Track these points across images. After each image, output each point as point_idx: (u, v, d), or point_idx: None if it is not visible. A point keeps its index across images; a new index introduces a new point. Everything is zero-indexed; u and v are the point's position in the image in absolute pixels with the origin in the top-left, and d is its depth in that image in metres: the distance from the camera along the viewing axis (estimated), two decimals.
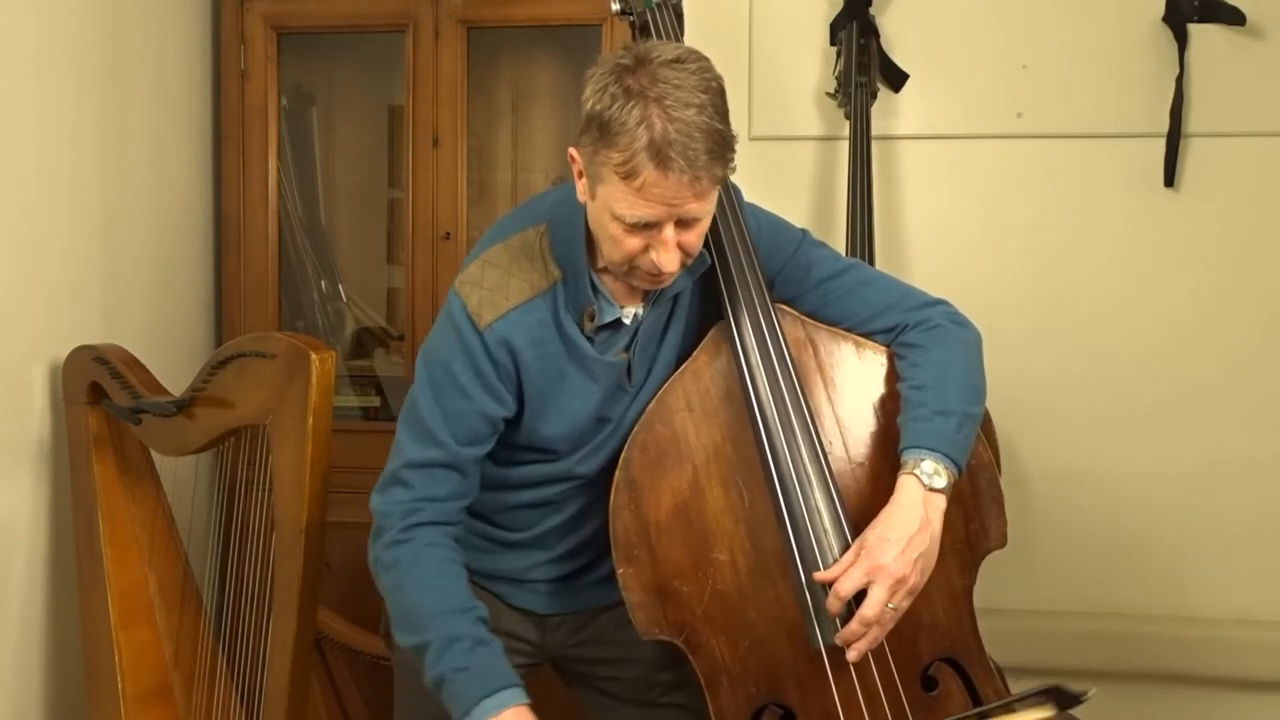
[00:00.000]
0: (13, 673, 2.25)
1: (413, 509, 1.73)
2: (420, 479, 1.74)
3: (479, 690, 1.62)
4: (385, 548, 1.73)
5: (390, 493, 1.75)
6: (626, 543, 1.72)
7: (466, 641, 1.66)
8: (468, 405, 1.73)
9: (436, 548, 1.73)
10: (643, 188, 1.54)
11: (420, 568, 1.71)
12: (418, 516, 1.73)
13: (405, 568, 1.72)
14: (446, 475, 1.75)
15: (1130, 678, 2.63)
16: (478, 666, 1.65)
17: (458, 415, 1.73)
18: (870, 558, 1.64)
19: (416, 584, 1.71)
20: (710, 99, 1.56)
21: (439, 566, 1.72)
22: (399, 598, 1.72)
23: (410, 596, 1.71)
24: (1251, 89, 2.55)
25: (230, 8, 2.84)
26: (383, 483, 1.77)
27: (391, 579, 1.73)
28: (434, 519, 1.74)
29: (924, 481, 1.66)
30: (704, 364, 1.78)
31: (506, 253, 1.76)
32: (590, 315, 1.73)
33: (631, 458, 1.74)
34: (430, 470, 1.74)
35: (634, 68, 1.56)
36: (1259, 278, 2.59)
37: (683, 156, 1.52)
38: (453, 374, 1.73)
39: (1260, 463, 2.60)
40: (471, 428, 1.75)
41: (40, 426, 2.32)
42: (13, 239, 2.22)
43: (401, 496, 1.74)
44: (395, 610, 1.74)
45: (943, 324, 1.79)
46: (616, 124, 1.54)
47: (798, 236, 1.86)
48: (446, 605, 1.69)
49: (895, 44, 2.65)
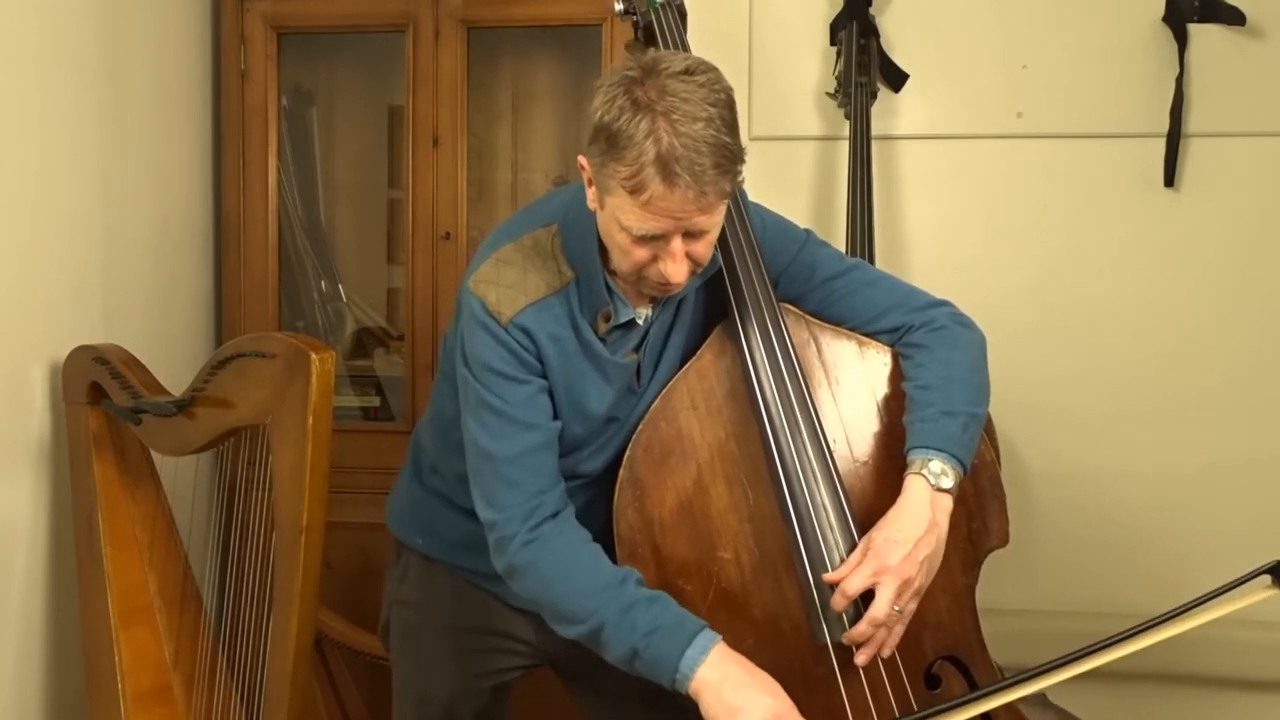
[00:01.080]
0: (13, 673, 2.25)
1: (532, 508, 1.69)
2: (523, 474, 1.70)
3: (678, 644, 1.59)
4: (517, 553, 1.69)
5: (499, 499, 1.71)
6: (630, 541, 1.72)
7: (640, 605, 1.62)
8: (527, 389, 1.71)
9: (563, 537, 1.70)
10: (649, 202, 1.54)
11: (559, 560, 1.68)
12: (539, 514, 1.70)
13: (544, 566, 1.68)
14: (544, 459, 1.72)
15: (1130, 678, 2.63)
16: (664, 622, 1.61)
17: (526, 401, 1.71)
18: (877, 559, 1.64)
19: (561, 576, 1.68)
20: (719, 111, 1.55)
21: (574, 552, 1.69)
22: (550, 596, 1.69)
23: (560, 590, 1.68)
24: (1251, 89, 2.55)
25: (230, 8, 2.84)
26: (485, 497, 1.73)
27: (535, 581, 1.70)
28: (554, 509, 1.71)
29: (931, 482, 1.67)
30: (709, 362, 1.78)
31: (519, 251, 1.75)
32: (606, 316, 1.73)
33: (636, 456, 1.74)
34: (528, 460, 1.71)
35: (642, 79, 1.55)
36: (1259, 277, 2.59)
37: (689, 171, 1.51)
38: (498, 370, 1.70)
39: (1260, 462, 2.60)
40: (543, 405, 1.73)
41: (40, 426, 2.32)
42: (13, 239, 2.22)
43: (515, 498, 1.70)
44: (551, 609, 1.70)
45: (947, 325, 1.80)
46: (624, 137, 1.53)
47: (802, 236, 1.87)
48: (601, 582, 1.66)
49: (895, 44, 2.66)
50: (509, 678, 1.98)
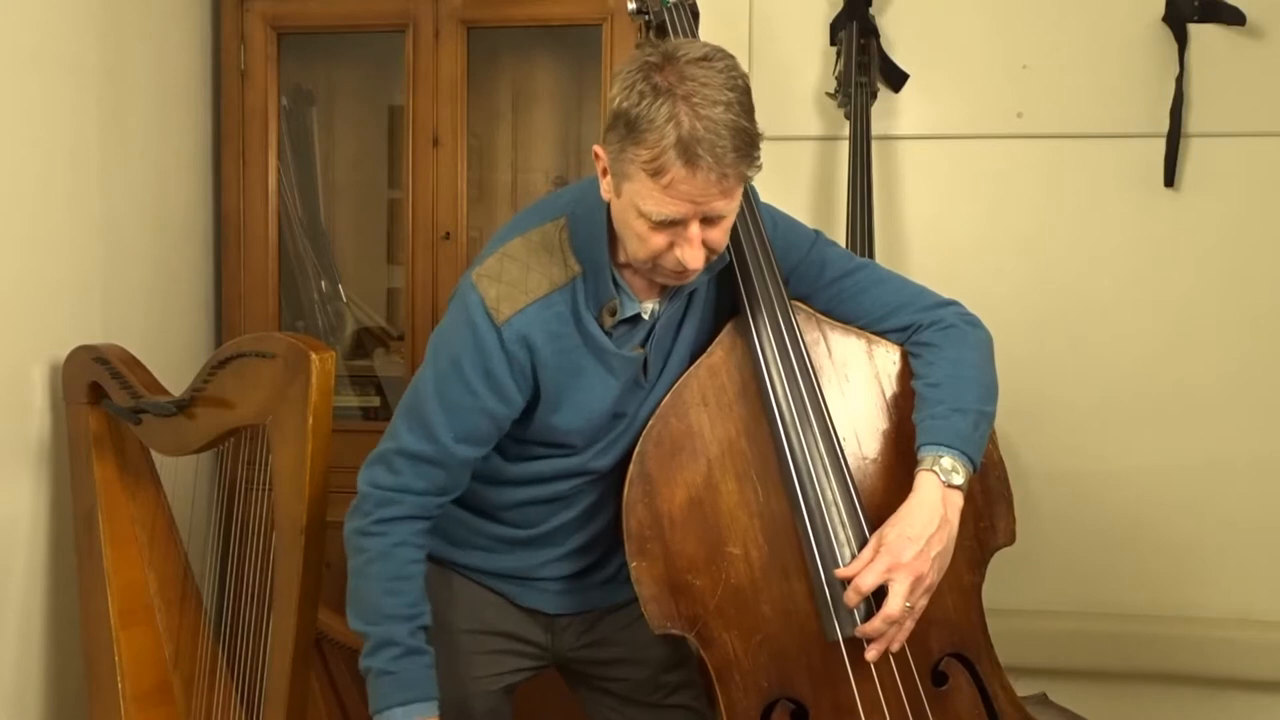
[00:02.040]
0: (13, 673, 2.24)
1: (391, 499, 1.76)
2: (407, 468, 1.75)
3: (397, 697, 1.71)
4: (356, 532, 1.78)
5: (374, 473, 1.78)
6: (640, 536, 1.73)
7: (400, 649, 1.73)
8: (471, 402, 1.73)
9: (404, 547, 1.76)
10: (670, 185, 1.55)
11: (381, 564, 1.75)
12: (394, 510, 1.76)
13: (368, 559, 1.76)
14: (433, 471, 1.76)
15: (1130, 678, 2.64)
16: (403, 674, 1.72)
17: (459, 411, 1.74)
18: (890, 555, 1.64)
19: (375, 578, 1.75)
20: (737, 96, 1.57)
21: (399, 567, 1.75)
22: (358, 583, 1.78)
23: (367, 587, 1.76)
24: (1251, 89, 2.56)
25: (230, 8, 2.84)
26: (371, 459, 1.79)
27: (355, 565, 1.78)
28: (409, 513, 1.76)
29: (943, 478, 1.67)
30: (720, 359, 1.79)
31: (525, 246, 1.76)
32: (611, 310, 1.73)
33: (646, 451, 1.74)
34: (418, 463, 1.75)
35: (662, 65, 1.56)
36: (1259, 277, 2.59)
37: (710, 154, 1.53)
38: (461, 369, 1.73)
39: (1260, 462, 2.61)
40: (472, 425, 1.75)
41: (40, 426, 2.31)
42: (13, 239, 2.21)
43: (384, 481, 1.76)
44: (351, 593, 1.78)
45: (956, 324, 1.81)
46: (644, 121, 1.54)
47: (812, 236, 1.88)
48: (394, 609, 1.74)
49: (895, 44, 2.66)
50: (516, 679, 1.98)
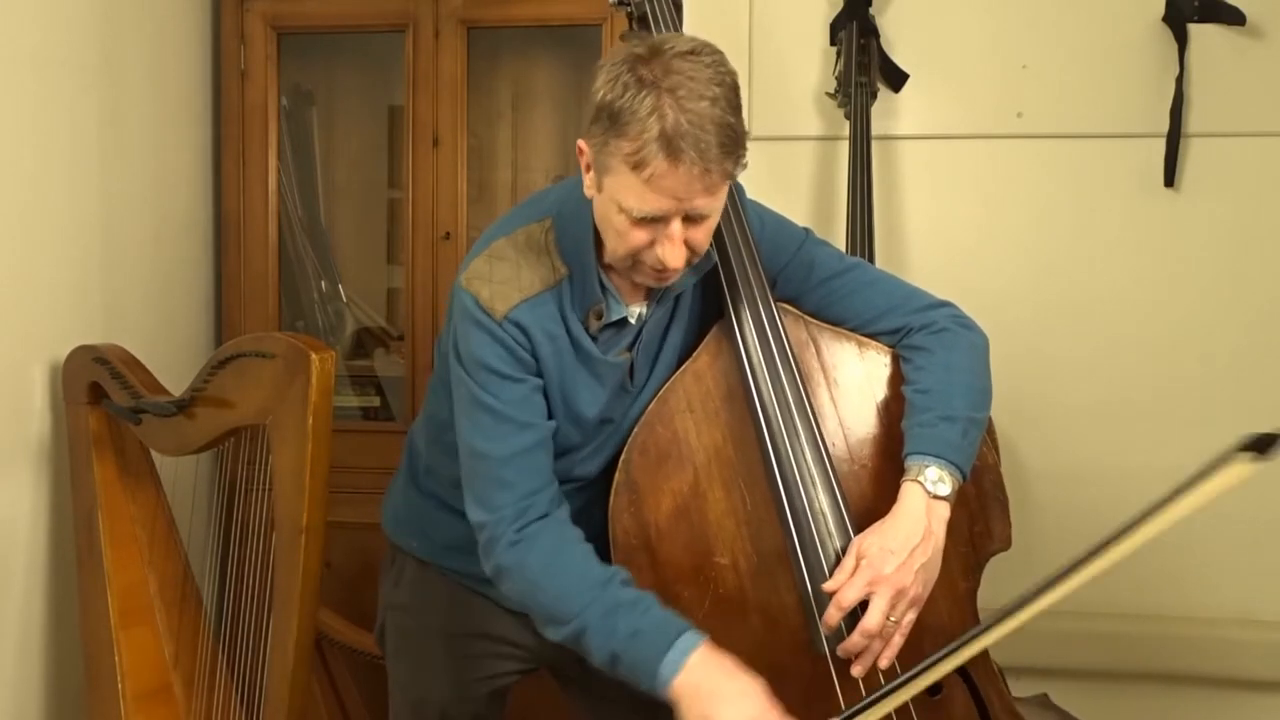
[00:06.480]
0: (13, 673, 2.25)
1: (522, 508, 1.67)
2: (516, 474, 1.68)
3: (658, 649, 1.57)
4: (504, 554, 1.66)
5: (491, 500, 1.68)
6: (626, 546, 1.71)
7: (622, 608, 1.60)
8: (522, 388, 1.69)
9: (550, 536, 1.67)
10: (652, 179, 1.52)
11: (543, 561, 1.65)
12: (529, 515, 1.67)
13: (528, 567, 1.66)
14: (537, 458, 1.70)
15: (1130, 678, 2.63)
16: (644, 625, 1.59)
17: (521, 400, 1.69)
18: (872, 569, 1.61)
19: (546, 576, 1.65)
20: (724, 92, 1.54)
21: (560, 552, 1.66)
22: (534, 597, 1.67)
23: (546, 591, 1.65)
24: (1251, 89, 2.54)
25: (230, 8, 2.84)
26: (477, 498, 1.70)
27: (521, 583, 1.67)
28: (544, 511, 1.68)
29: (928, 489, 1.64)
30: (705, 364, 1.76)
31: (512, 246, 1.73)
32: (597, 314, 1.71)
33: (632, 459, 1.72)
34: (522, 460, 1.68)
35: (648, 58, 1.54)
36: (1259, 278, 2.58)
37: (694, 148, 1.50)
38: (493, 368, 1.68)
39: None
40: (538, 404, 1.70)
41: (40, 426, 2.32)
42: (13, 239, 2.22)
43: (506, 499, 1.67)
44: (538, 611, 1.67)
45: (949, 327, 1.77)
46: (628, 113, 1.51)
47: (800, 235, 1.85)
48: (584, 583, 1.63)
49: (895, 44, 2.65)
50: (505, 682, 1.97)
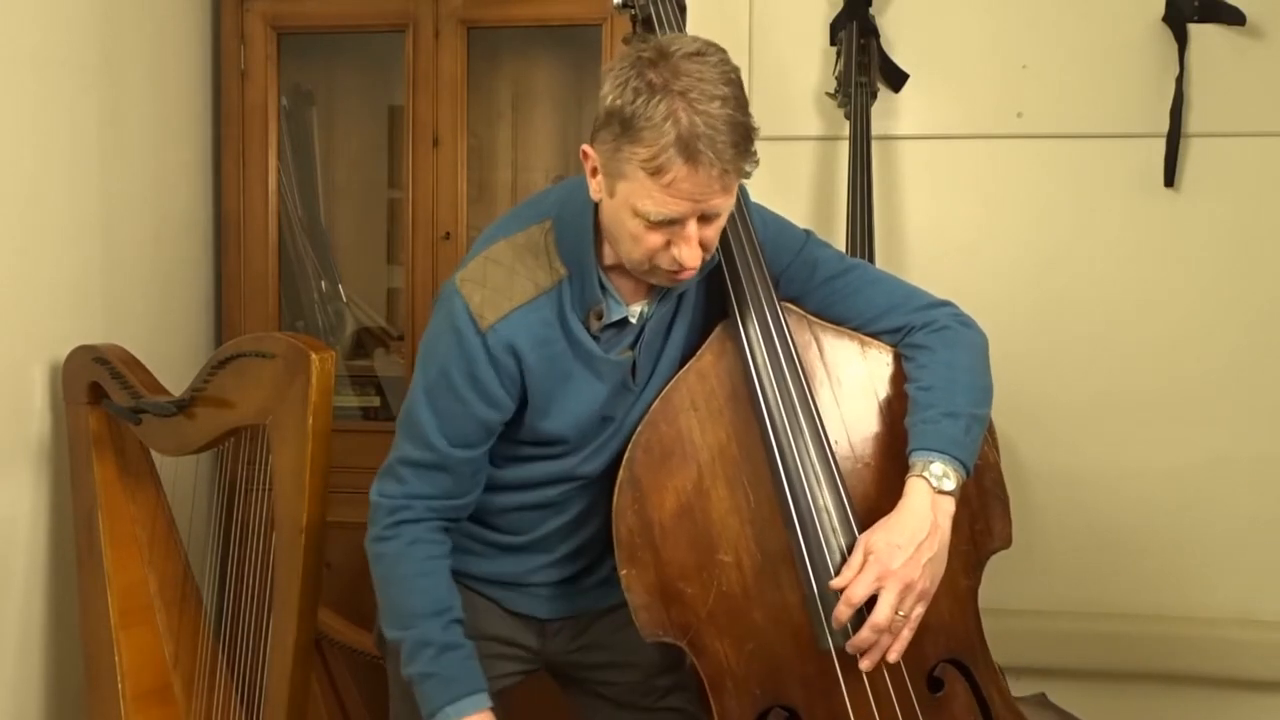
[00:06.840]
0: (13, 673, 2.25)
1: (400, 505, 1.76)
2: (412, 476, 1.76)
3: (444, 697, 1.69)
4: (372, 541, 1.79)
5: (384, 484, 1.79)
6: (630, 544, 1.71)
7: (435, 647, 1.71)
8: (461, 409, 1.73)
9: (419, 544, 1.76)
10: (671, 184, 1.53)
11: (402, 565, 1.75)
12: (404, 514, 1.76)
13: (389, 564, 1.76)
14: (438, 475, 1.76)
15: (1130, 678, 2.63)
16: (444, 672, 1.71)
17: (451, 418, 1.74)
18: (879, 564, 1.62)
19: (398, 581, 1.76)
20: (732, 91, 1.56)
21: (419, 564, 1.75)
22: (384, 592, 1.78)
23: (392, 593, 1.77)
24: (1251, 89, 2.55)
25: (230, 8, 2.84)
26: (380, 472, 1.81)
27: (377, 574, 1.78)
28: (420, 515, 1.76)
29: (933, 484, 1.65)
30: (709, 363, 1.77)
31: (511, 249, 1.74)
32: (598, 314, 1.72)
33: (635, 457, 1.73)
34: (421, 469, 1.76)
35: (655, 61, 1.54)
36: (1259, 278, 2.58)
37: (711, 149, 1.51)
38: (449, 378, 1.73)
39: (1260, 462, 2.60)
40: (465, 431, 1.75)
41: (40, 426, 2.32)
42: (13, 239, 2.21)
43: (392, 491, 1.77)
44: (381, 603, 1.80)
45: (950, 325, 1.78)
46: (641, 119, 1.52)
47: (803, 236, 1.86)
48: (421, 608, 1.73)
49: (895, 44, 2.65)
50: (506, 683, 1.95)
